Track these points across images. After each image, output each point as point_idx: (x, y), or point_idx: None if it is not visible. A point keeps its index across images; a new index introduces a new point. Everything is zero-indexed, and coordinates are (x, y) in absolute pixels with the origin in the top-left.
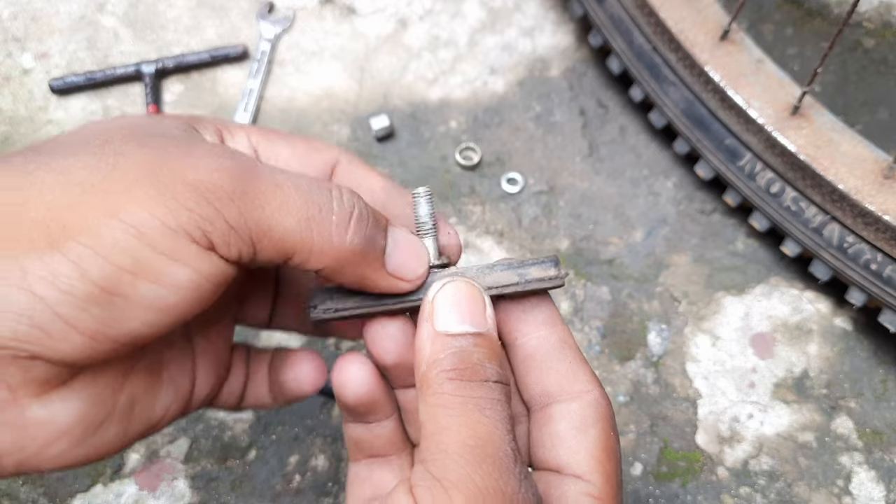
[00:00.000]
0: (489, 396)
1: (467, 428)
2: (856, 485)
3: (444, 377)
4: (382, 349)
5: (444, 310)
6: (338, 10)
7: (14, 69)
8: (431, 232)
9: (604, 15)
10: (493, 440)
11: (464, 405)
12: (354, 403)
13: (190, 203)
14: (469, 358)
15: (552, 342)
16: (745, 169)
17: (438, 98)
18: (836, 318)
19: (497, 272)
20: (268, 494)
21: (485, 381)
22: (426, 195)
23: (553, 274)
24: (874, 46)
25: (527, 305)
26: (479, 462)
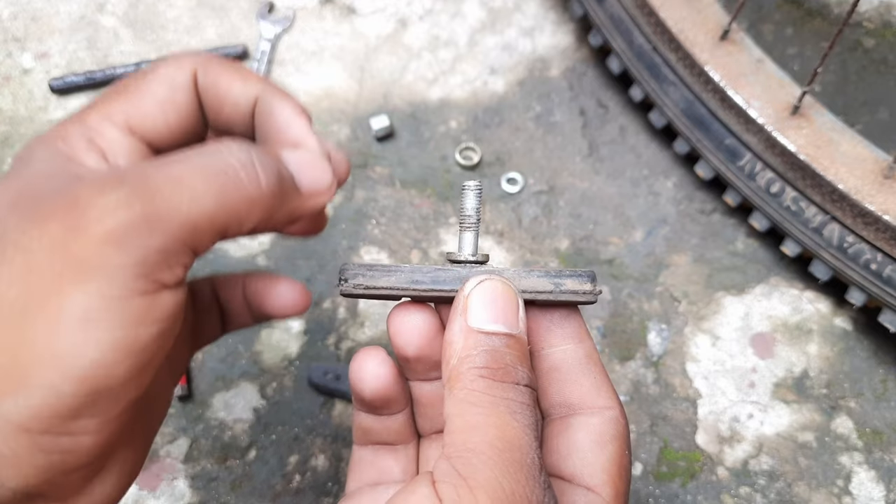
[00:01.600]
0: (519, 400)
1: (496, 429)
2: (856, 485)
3: (476, 374)
4: (405, 341)
5: (478, 306)
6: (338, 10)
7: (14, 69)
8: (474, 226)
9: (604, 15)
10: (522, 445)
11: (494, 405)
12: (371, 398)
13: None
14: (502, 358)
15: (578, 356)
16: (745, 169)
17: (438, 98)
18: (836, 318)
19: (533, 278)
20: (268, 494)
21: (516, 384)
22: (476, 189)
23: (588, 289)
24: (874, 46)
25: (556, 316)
26: (507, 465)
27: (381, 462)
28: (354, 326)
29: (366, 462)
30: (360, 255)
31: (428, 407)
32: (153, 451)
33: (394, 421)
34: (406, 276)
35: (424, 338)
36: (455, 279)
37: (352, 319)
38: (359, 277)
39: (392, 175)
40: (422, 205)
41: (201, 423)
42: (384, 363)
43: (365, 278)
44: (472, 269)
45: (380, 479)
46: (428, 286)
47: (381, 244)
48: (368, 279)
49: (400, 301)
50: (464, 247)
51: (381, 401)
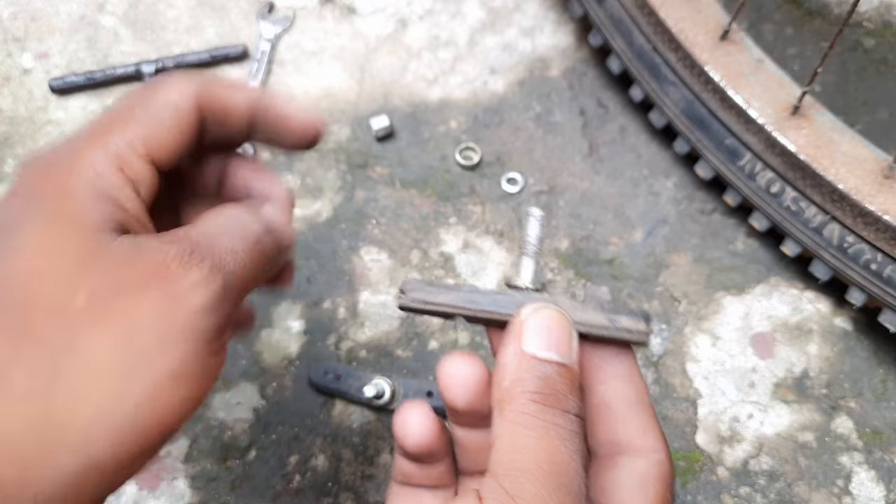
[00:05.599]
0: (569, 427)
1: (546, 453)
2: (856, 485)
3: (528, 398)
4: (456, 394)
5: (533, 332)
6: (338, 10)
7: (14, 69)
8: (535, 255)
9: (604, 15)
10: (569, 471)
11: (545, 429)
12: (415, 451)
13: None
14: (553, 385)
15: (629, 396)
16: (745, 169)
17: (438, 98)
18: (836, 317)
19: (587, 311)
20: (268, 494)
21: (566, 412)
22: (539, 218)
23: (642, 328)
24: (874, 46)
25: (607, 354)
26: (555, 488)
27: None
28: (354, 326)
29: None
30: (360, 256)
31: (471, 452)
32: None
33: (436, 469)
34: (464, 295)
35: (475, 391)
36: (511, 304)
37: (352, 319)
38: (418, 292)
39: (392, 175)
40: (422, 205)
41: (201, 422)
42: (428, 418)
43: (424, 293)
44: (530, 295)
45: None
46: (483, 307)
47: (381, 244)
48: (427, 294)
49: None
50: (522, 273)
51: (424, 455)
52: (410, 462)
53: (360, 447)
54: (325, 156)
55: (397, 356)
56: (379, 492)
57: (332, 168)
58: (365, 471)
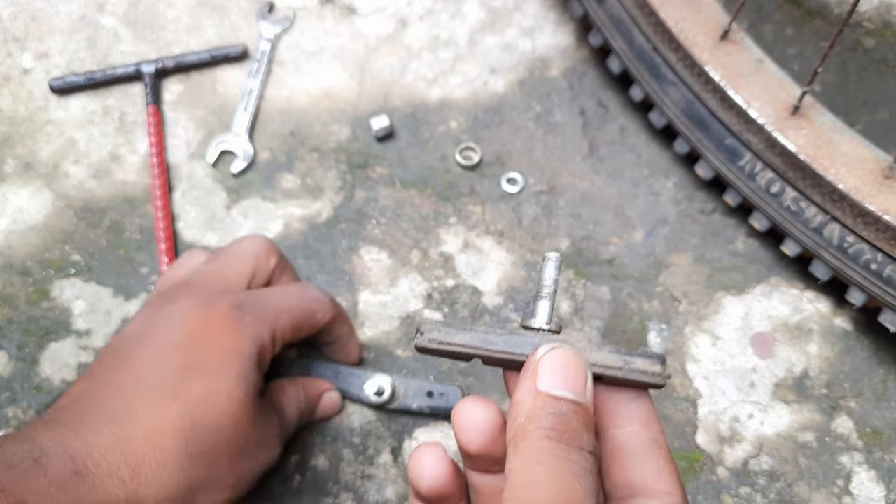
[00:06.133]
0: (583, 464)
1: (560, 489)
2: (856, 485)
3: (542, 433)
4: (469, 438)
5: (548, 371)
6: (338, 10)
7: (14, 69)
8: (551, 296)
9: (604, 15)
10: None
11: (559, 466)
12: (428, 494)
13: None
14: (568, 422)
15: (644, 439)
16: (746, 169)
17: (438, 98)
18: (837, 317)
19: (603, 353)
20: (268, 494)
21: (581, 449)
22: (556, 261)
23: (658, 370)
24: (874, 46)
25: (624, 398)
26: None
27: None
28: (355, 326)
29: None
30: (360, 255)
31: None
32: None
33: None
34: (480, 336)
35: (488, 436)
36: (528, 345)
37: (352, 319)
38: (435, 332)
39: (392, 175)
40: (422, 205)
41: None
42: (442, 461)
43: (440, 333)
44: (545, 336)
45: None
46: (500, 349)
47: (381, 244)
48: (444, 335)
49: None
50: (538, 315)
51: (437, 497)
52: None
53: (360, 447)
54: (325, 156)
55: (397, 356)
56: (379, 492)
57: (332, 168)
58: (365, 471)
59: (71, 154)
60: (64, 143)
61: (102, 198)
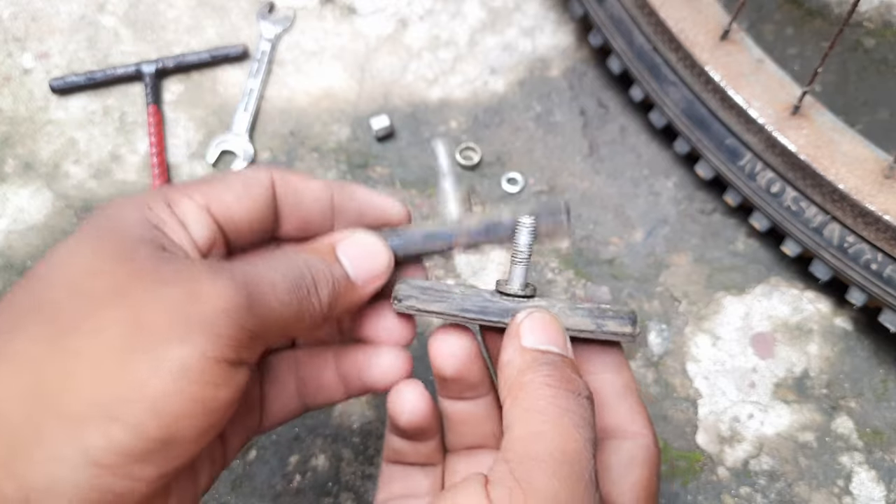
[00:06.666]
0: (582, 413)
1: (560, 440)
2: (856, 485)
3: (541, 382)
4: (444, 362)
5: (529, 331)
6: (338, 10)
7: (14, 69)
8: (525, 261)
9: (604, 15)
10: (582, 459)
11: (559, 416)
12: (407, 427)
13: (222, 329)
14: (563, 370)
15: (616, 385)
16: (746, 169)
17: (438, 98)
18: (837, 317)
19: (577, 316)
20: (268, 494)
21: (578, 395)
22: (530, 227)
23: (628, 331)
24: (874, 46)
25: (596, 347)
26: (566, 477)
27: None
28: None
29: (395, 477)
30: None
31: (458, 424)
32: None
33: (426, 446)
34: (456, 303)
35: (463, 359)
36: (502, 311)
37: None
38: (412, 299)
39: (392, 175)
40: (422, 205)
41: None
42: (421, 396)
43: (418, 301)
44: (520, 302)
45: (409, 492)
46: (476, 315)
47: None
48: (421, 302)
49: None
50: (513, 279)
51: (415, 431)
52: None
53: (360, 447)
54: (325, 156)
55: None
56: None
57: (332, 168)
58: (365, 471)
59: (71, 154)
60: (64, 143)
61: (103, 198)
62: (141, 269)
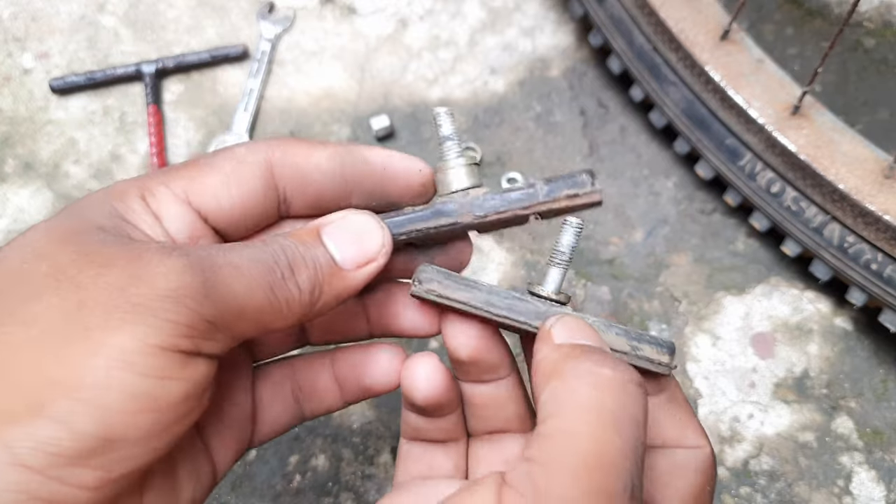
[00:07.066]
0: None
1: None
2: (856, 485)
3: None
4: (459, 343)
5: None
6: (338, 10)
7: (14, 69)
8: (564, 264)
9: (604, 15)
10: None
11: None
12: (423, 404)
13: (170, 314)
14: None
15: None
16: (746, 169)
17: (439, 98)
18: (837, 317)
19: (611, 334)
20: (268, 494)
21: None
22: (577, 227)
23: (665, 360)
24: (874, 46)
25: None
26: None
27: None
28: None
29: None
30: None
31: (480, 408)
32: None
33: (446, 421)
34: (482, 295)
35: (479, 339)
36: (532, 313)
37: None
38: (434, 283)
39: None
40: None
41: None
42: (437, 369)
43: (440, 286)
44: (552, 307)
45: (430, 472)
46: (502, 312)
47: None
48: (443, 288)
49: None
50: (548, 282)
51: (432, 407)
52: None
53: (360, 447)
54: None
55: None
56: (379, 492)
57: None
58: (365, 471)
59: (71, 154)
60: (64, 143)
61: None
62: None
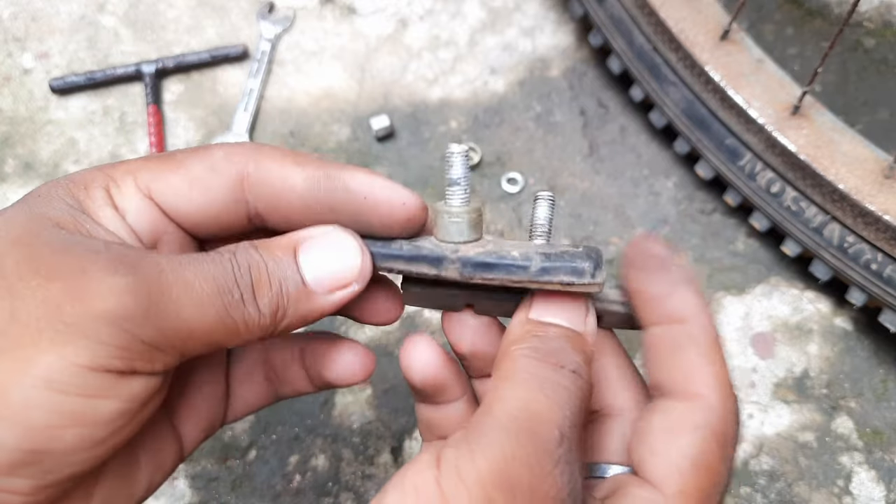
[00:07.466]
0: (556, 380)
1: (520, 401)
2: (856, 485)
3: (520, 354)
4: (458, 336)
5: (541, 303)
6: (338, 10)
7: (14, 69)
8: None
9: (604, 15)
10: (543, 418)
11: (527, 381)
12: (421, 384)
13: (102, 336)
14: (550, 343)
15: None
16: (746, 169)
17: (439, 98)
18: (837, 317)
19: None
20: (268, 494)
21: (558, 366)
22: (548, 200)
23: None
24: (874, 46)
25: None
26: (517, 432)
27: None
28: (355, 326)
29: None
30: None
31: None
32: None
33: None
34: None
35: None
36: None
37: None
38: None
39: (392, 175)
40: None
41: None
42: (430, 348)
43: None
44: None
45: None
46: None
47: None
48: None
49: None
50: None
51: (431, 387)
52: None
53: (360, 447)
54: (325, 156)
55: (397, 356)
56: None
57: None
58: (365, 471)
59: (71, 154)
60: (64, 143)
61: None
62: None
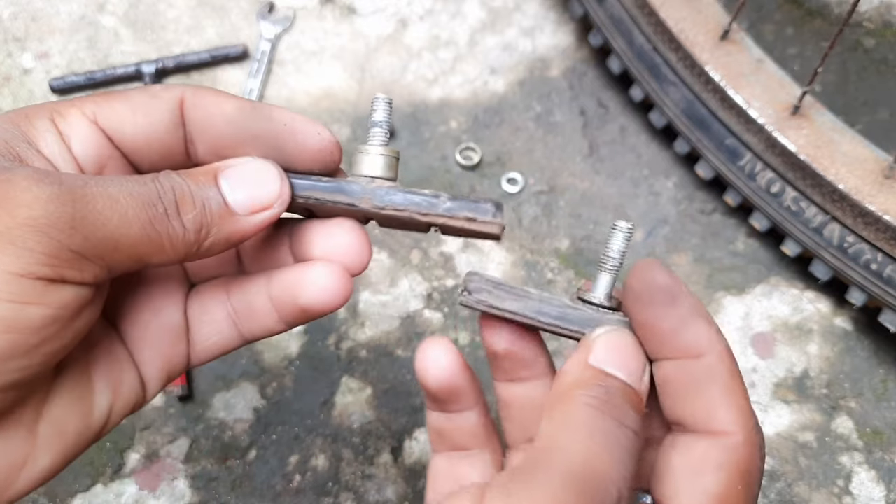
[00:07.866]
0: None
1: (582, 456)
2: (856, 485)
3: (585, 401)
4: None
5: (603, 348)
6: (338, 10)
7: (14, 69)
8: (615, 270)
9: (604, 15)
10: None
11: (592, 436)
12: (436, 389)
13: (30, 243)
14: (616, 397)
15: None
16: (746, 169)
17: (439, 98)
18: (837, 317)
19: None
20: (268, 494)
21: (622, 424)
22: (626, 231)
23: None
24: (874, 46)
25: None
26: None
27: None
28: (355, 326)
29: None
30: None
31: (516, 410)
32: (153, 451)
33: (465, 420)
34: (534, 304)
35: (516, 333)
36: (583, 321)
37: (352, 319)
38: (483, 293)
39: None
40: None
41: (201, 422)
42: (448, 351)
43: (490, 296)
44: (604, 314)
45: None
46: (553, 321)
47: (381, 244)
48: (493, 298)
49: None
50: (598, 288)
51: (446, 393)
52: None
53: (360, 447)
54: None
55: (397, 356)
56: (379, 492)
57: None
58: (365, 471)
59: None
60: None
61: None
62: None
